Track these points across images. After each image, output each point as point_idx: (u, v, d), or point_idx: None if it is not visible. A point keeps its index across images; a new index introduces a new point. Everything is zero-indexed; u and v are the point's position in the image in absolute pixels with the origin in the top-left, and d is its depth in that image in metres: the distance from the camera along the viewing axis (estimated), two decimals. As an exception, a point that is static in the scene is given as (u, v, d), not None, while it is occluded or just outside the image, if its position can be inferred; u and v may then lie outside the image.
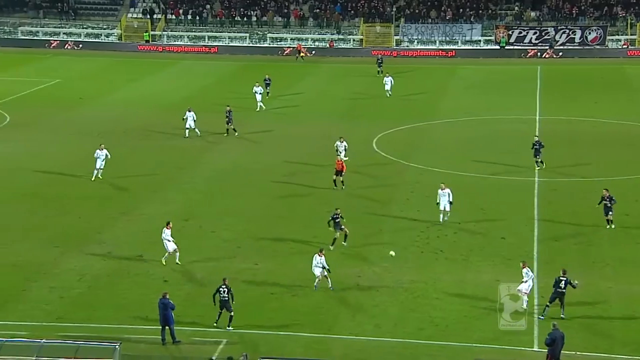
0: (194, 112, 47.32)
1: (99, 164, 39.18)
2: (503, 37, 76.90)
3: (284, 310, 26.82)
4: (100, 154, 39.33)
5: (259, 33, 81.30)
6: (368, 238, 33.01)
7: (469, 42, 78.39)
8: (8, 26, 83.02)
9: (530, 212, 35.87)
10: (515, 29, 77.46)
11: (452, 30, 78.43)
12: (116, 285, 28.51)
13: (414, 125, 51.57)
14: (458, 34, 78.35)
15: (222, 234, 33.27)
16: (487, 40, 78.17)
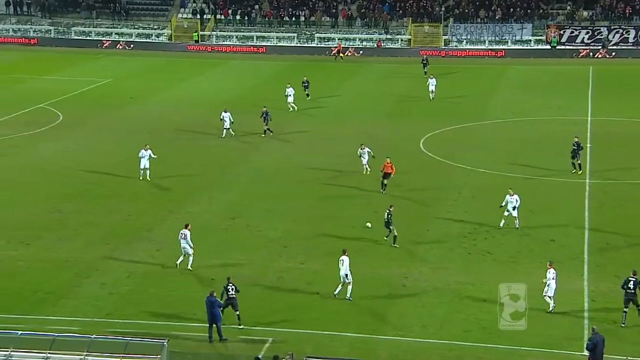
0: (230, 113, 47.46)
1: (143, 163, 39.49)
2: (554, 36, 75.74)
3: (330, 310, 26.86)
4: (144, 154, 39.64)
5: (307, 33, 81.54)
6: (414, 239, 32.88)
7: (519, 42, 77.39)
8: (62, 26, 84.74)
9: (580, 215, 35.31)
10: (567, 29, 76.21)
11: (502, 30, 77.54)
12: (164, 283, 28.90)
13: (461, 126, 51.16)
14: (508, 33, 77.43)
15: (269, 233, 33.47)
16: (537, 40, 77.07)
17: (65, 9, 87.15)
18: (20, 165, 42.56)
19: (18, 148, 45.74)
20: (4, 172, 41.33)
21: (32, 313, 26.41)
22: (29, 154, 44.65)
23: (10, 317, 26.04)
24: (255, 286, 28.63)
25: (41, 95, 58.56)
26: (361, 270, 29.54)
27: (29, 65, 72.37)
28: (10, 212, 35.46)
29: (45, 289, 28.23)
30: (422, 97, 59.03)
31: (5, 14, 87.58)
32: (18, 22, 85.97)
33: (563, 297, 27.83)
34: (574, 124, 50.56)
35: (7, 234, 32.98)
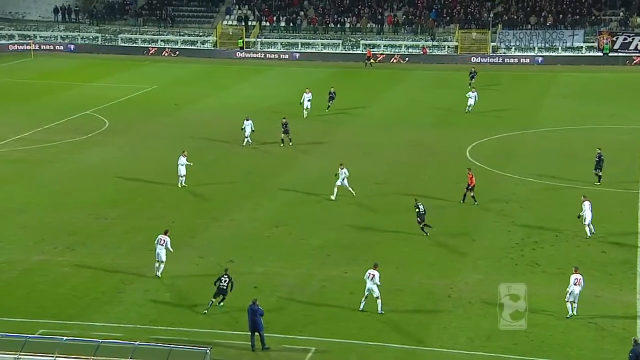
0: (251, 121, 47.46)
1: (181, 171, 39.71)
2: (607, 43, 74.58)
3: (374, 320, 26.79)
4: (182, 161, 39.87)
5: (352, 39, 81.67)
6: (460, 249, 32.64)
7: (570, 49, 76.38)
8: (109, 33, 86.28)
9: (633, 226, 34.69)
10: (620, 35, 74.98)
11: (553, 36, 76.62)
12: (207, 290, 29.07)
13: (509, 134, 50.66)
14: (559, 40, 76.49)
15: (312, 242, 33.53)
16: (589, 46, 76.00)
17: (112, 16, 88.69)
18: (66, 172, 43.39)
19: (65, 154, 46.64)
20: (50, 178, 42.18)
21: (77, 319, 26.85)
22: (75, 161, 45.48)
23: (56, 322, 26.53)
24: (298, 295, 28.70)
25: (88, 102, 59.65)
26: (406, 281, 29.46)
27: (76, 72, 73.81)
28: (57, 218, 36.14)
29: (90, 295, 28.68)
30: (468, 104, 58.60)
31: (54, 21, 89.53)
32: (66, 30, 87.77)
33: (614, 310, 27.34)
34: (626, 132, 49.69)
35: (53, 239, 33.62)
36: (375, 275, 26.99)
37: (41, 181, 41.54)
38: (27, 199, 38.62)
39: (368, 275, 27.09)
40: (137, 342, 23.51)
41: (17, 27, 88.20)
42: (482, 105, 58.98)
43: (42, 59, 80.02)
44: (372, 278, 26.95)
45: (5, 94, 63.51)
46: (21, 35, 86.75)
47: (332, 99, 55.48)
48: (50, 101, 61.08)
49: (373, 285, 26.90)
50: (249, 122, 47.58)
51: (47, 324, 26.37)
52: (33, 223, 35.44)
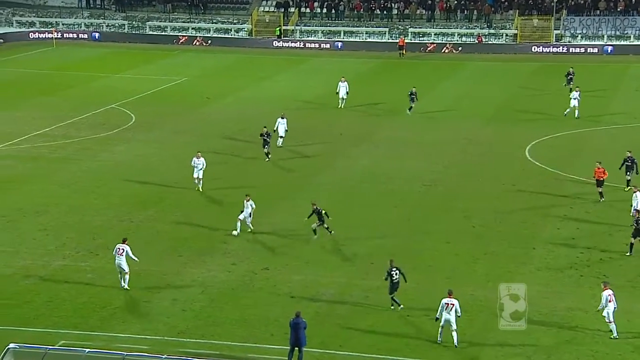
0: (286, 120, 46.72)
1: (196, 173, 39.32)
2: (685, 30, 73.38)
3: (422, 335, 26.70)
4: (197, 163, 39.38)
5: (399, 27, 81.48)
6: (518, 258, 32.37)
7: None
8: (136, 21, 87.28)
9: None
10: (700, 21, 73.75)
11: (624, 23, 75.56)
12: (240, 300, 29.33)
13: (574, 132, 50.10)
14: (631, 27, 75.45)
15: (354, 248, 33.54)
16: (665, 34, 74.89)
17: (140, 2, 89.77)
18: (90, 170, 43.99)
19: (88, 151, 47.29)
20: (72, 177, 42.80)
21: (100, 329, 27.18)
22: (99, 158, 46.08)
23: (78, 333, 26.89)
24: (339, 306, 28.72)
25: (113, 95, 60.45)
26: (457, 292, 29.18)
27: (101, 62, 74.86)
28: (79, 220, 36.67)
29: (114, 303, 29.05)
30: (529, 99, 58.12)
31: (77, 7, 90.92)
32: (91, 16, 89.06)
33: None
34: None
35: (75, 243, 34.12)
36: (454, 305, 25.83)
37: (62, 180, 42.20)
38: (47, 199, 39.27)
39: (444, 305, 25.85)
40: (165, 355, 23.74)
41: (39, 14, 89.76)
42: (543, 100, 58.43)
43: (64, 48, 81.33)
44: (450, 308, 25.75)
45: (25, 86, 64.68)
46: (42, 23, 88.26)
47: (413, 99, 53.55)
48: (73, 94, 62.02)
49: (452, 317, 25.72)
50: (284, 120, 46.84)
51: (69, 334, 26.75)
52: (54, 225, 36.02)
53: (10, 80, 67.02)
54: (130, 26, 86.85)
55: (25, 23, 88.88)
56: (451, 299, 25.95)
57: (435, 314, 26.22)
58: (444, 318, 25.86)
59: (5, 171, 43.61)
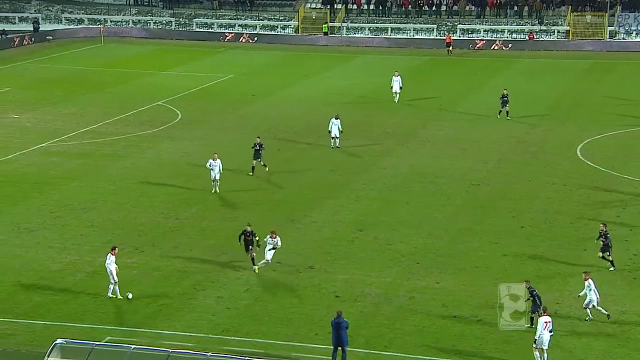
0: (340, 120, 45.84)
1: (213, 175, 38.76)
2: None
3: (469, 336, 26.50)
4: (213, 165, 38.68)
5: (448, 24, 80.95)
6: (568, 259, 31.95)
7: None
8: (183, 18, 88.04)
9: None
10: None
11: (679, 18, 74.20)
12: (285, 298, 29.41)
13: (628, 131, 49.27)
14: (686, 23, 74.01)
15: (400, 248, 33.42)
16: None
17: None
18: (136, 167, 44.47)
19: (135, 148, 47.82)
20: (119, 173, 43.31)
21: (145, 326, 27.48)
22: (146, 155, 46.56)
23: (123, 329, 27.24)
24: (384, 306, 28.64)
25: (159, 92, 61.07)
26: (505, 294, 28.95)
27: (148, 59, 75.67)
28: (125, 217, 37.10)
29: (160, 300, 29.33)
30: (580, 97, 57.31)
31: (125, 4, 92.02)
32: (138, 13, 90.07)
33: None
34: None
35: (122, 240, 34.48)
36: (549, 323, 24.69)
37: (109, 177, 42.73)
38: (94, 195, 39.81)
39: (544, 324, 24.66)
40: (210, 353, 23.89)
41: (87, 11, 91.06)
42: (595, 98, 57.59)
43: (112, 45, 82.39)
44: (547, 327, 24.66)
45: (73, 83, 65.67)
46: (91, 20, 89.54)
47: (505, 102, 50.84)
48: (120, 91, 62.79)
49: (548, 335, 24.62)
50: (337, 121, 45.92)
51: (114, 330, 27.11)
52: (100, 222, 36.50)
53: (58, 77, 68.10)
54: (177, 23, 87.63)
55: (74, 20, 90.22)
56: (547, 317, 24.88)
57: (534, 335, 25.00)
58: (543, 338, 24.56)
59: (53, 167, 44.31)
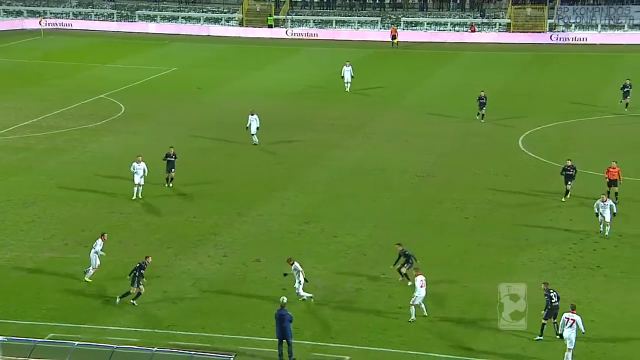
0: (257, 116, 45.03)
1: (137, 179, 37.32)
2: (679, 19, 73.47)
3: (414, 326, 26.73)
4: (137, 168, 37.32)
5: (392, 17, 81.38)
6: (511, 249, 32.43)
7: (637, 27, 75.33)
8: (125, 10, 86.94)
9: None
10: (696, 10, 73.88)
11: (618, 12, 75.61)
12: (231, 292, 29.31)
13: (568, 122, 50.17)
14: (625, 16, 75.50)
15: (346, 240, 33.55)
16: (659, 23, 74.97)
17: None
18: (78, 161, 43.85)
19: (77, 142, 47.12)
20: (61, 168, 42.66)
21: (89, 322, 27.14)
22: (89, 149, 45.93)
23: (67, 325, 26.86)
24: (331, 298, 28.74)
25: (102, 85, 60.24)
26: (450, 284, 29.31)
27: (89, 52, 74.55)
28: (68, 212, 36.56)
29: (104, 296, 28.96)
30: (523, 87, 58.16)
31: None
32: (79, 5, 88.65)
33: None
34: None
35: (64, 235, 34.02)
36: (576, 321, 24.36)
37: (50, 171, 42.06)
38: (35, 190, 39.14)
39: (565, 320, 24.54)
40: (155, 348, 23.71)
41: (26, 3, 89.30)
42: (536, 90, 58.53)
43: (52, 37, 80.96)
44: (571, 324, 24.40)
45: (13, 76, 64.40)
46: (30, 12, 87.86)
47: (483, 105, 49.34)
48: (62, 84, 61.77)
49: (572, 334, 24.33)
50: (254, 116, 45.02)
51: (58, 327, 26.72)
52: (42, 217, 35.91)
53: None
54: (120, 15, 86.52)
55: (13, 12, 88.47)
56: (573, 314, 24.58)
57: (557, 330, 25.42)
58: (565, 336, 24.49)
59: (-8, 162, 43.45)
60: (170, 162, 39.11)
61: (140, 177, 37.48)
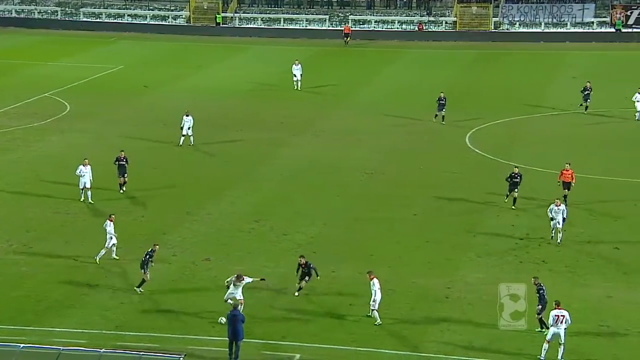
0: (192, 117, 44.57)
1: (82, 183, 36.59)
2: (620, 18, 74.93)
3: (364, 323, 26.86)
4: (84, 171, 36.54)
5: (340, 15, 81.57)
6: (458, 245, 32.77)
7: (579, 25, 76.70)
8: (70, 7, 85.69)
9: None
10: (635, 9, 75.39)
11: (561, 10, 76.89)
12: (180, 291, 29.11)
13: (513, 119, 50.86)
14: (567, 15, 76.78)
15: (296, 237, 33.57)
16: (601, 22, 76.37)
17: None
18: (23, 161, 43.16)
19: (21, 141, 46.37)
20: (6, 167, 41.95)
21: (35, 324, 26.72)
22: (33, 149, 45.24)
23: (12, 328, 26.38)
24: (281, 296, 28.72)
25: (46, 83, 59.32)
26: (399, 280, 29.51)
27: (33, 49, 73.36)
28: (12, 213, 35.97)
29: (51, 297, 28.58)
30: (468, 86, 58.80)
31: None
32: (22, 3, 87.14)
33: (628, 312, 27.53)
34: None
35: (9, 236, 33.45)
36: (565, 317, 24.45)
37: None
38: (-21, 191, 38.41)
39: (554, 318, 24.49)
40: (103, 350, 23.47)
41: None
42: (482, 88, 59.24)
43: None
44: (561, 321, 24.41)
45: (-46, 75, 63.07)
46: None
47: (442, 106, 48.83)
48: (5, 82, 60.67)
49: (561, 330, 24.38)
50: (189, 117, 44.40)
51: (2, 329, 26.22)
52: (-14, 218, 35.27)
53: (-63, 69, 65.27)
54: (64, 13, 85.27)
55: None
56: (561, 311, 24.62)
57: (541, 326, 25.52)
58: (552, 332, 24.54)
59: None
60: (122, 166, 38.06)
61: (86, 180, 36.71)
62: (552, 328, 24.60)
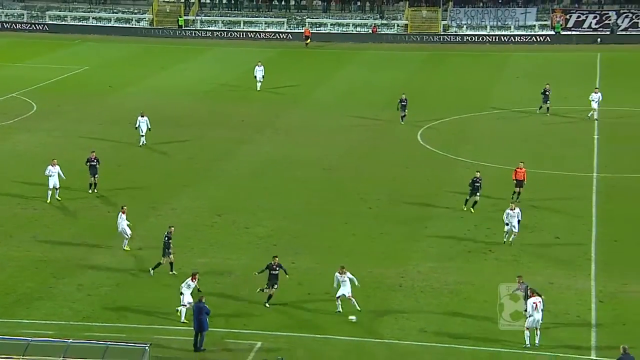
0: (147, 118, 43.82)
1: (52, 183, 35.69)
2: (559, 21, 75.95)
3: (322, 312, 26.90)
4: (52, 171, 35.71)
5: (297, 18, 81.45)
6: (411, 236, 32.99)
7: (522, 28, 77.57)
8: (35, 10, 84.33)
9: (587, 210, 35.49)
10: (574, 13, 76.48)
11: (505, 14, 77.68)
12: (145, 283, 28.88)
13: (461, 117, 51.26)
14: (511, 18, 77.59)
15: (257, 231, 33.49)
16: (542, 25, 77.29)
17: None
18: (-9, 159, 42.41)
19: (-11, 140, 45.57)
20: (-27, 166, 41.17)
21: (3, 316, 26.33)
22: (1, 147, 44.44)
23: (-19, 320, 25.98)
24: (243, 286, 28.63)
25: (13, 84, 58.32)
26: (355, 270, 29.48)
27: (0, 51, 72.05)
28: (-19, 209, 35.32)
29: (18, 290, 28.17)
30: (419, 86, 59.13)
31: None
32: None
33: (568, 297, 27.96)
34: (580, 114, 50.68)
35: (-23, 232, 32.86)
36: (540, 303, 24.36)
37: (-37, 170, 40.52)
38: (-52, 188, 37.65)
39: (532, 306, 24.31)
40: (70, 340, 23.17)
41: None
42: (432, 88, 59.62)
43: (-39, 37, 77.90)
44: (538, 308, 24.31)
45: None
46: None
47: (404, 107, 48.25)
48: (-28, 83, 59.51)
49: (539, 315, 24.37)
50: (145, 118, 43.74)
51: (-28, 322, 25.83)
52: (-45, 215, 34.60)
53: None
54: (30, 15, 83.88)
55: None
56: (537, 298, 24.49)
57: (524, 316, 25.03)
58: (534, 318, 24.39)
59: None
60: (93, 166, 37.23)
61: (55, 180, 35.99)
62: (532, 316, 24.31)
